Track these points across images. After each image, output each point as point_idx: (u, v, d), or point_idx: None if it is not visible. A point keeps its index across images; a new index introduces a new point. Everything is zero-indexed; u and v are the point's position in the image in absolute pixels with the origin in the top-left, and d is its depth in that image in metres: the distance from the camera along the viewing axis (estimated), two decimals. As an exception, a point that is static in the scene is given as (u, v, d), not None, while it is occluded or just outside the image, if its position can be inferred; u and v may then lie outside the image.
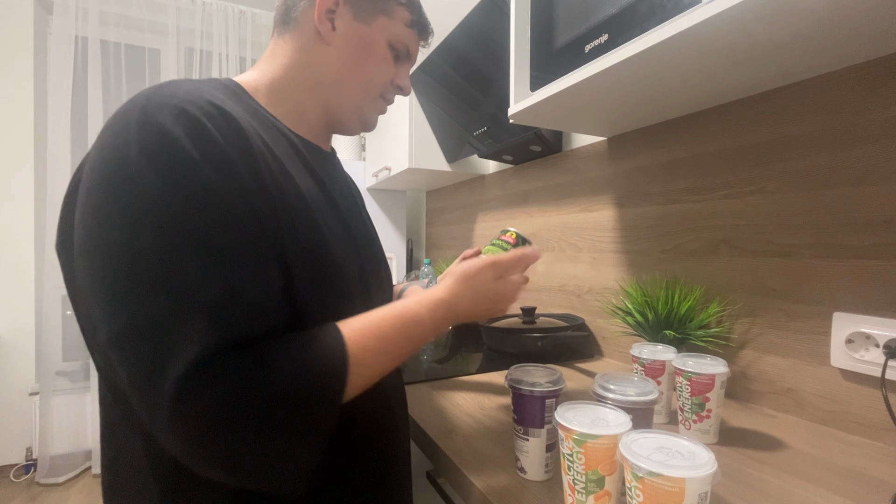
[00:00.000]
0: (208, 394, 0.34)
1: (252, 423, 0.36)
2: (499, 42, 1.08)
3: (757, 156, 0.77)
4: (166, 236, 0.36)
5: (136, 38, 2.37)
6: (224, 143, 0.41)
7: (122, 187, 0.37)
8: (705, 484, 0.35)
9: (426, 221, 2.28)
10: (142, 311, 0.35)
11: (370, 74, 0.58)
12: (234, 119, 0.43)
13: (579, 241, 1.19)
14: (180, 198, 0.37)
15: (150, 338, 0.35)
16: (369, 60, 0.57)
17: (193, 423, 0.34)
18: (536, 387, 0.51)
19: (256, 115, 0.50)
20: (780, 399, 0.74)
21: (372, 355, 0.44)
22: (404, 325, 0.47)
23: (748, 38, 0.56)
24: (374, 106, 0.61)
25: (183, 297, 0.35)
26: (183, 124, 0.39)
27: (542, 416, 0.51)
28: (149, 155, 0.37)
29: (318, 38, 0.55)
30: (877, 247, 0.62)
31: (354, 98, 0.58)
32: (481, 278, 0.55)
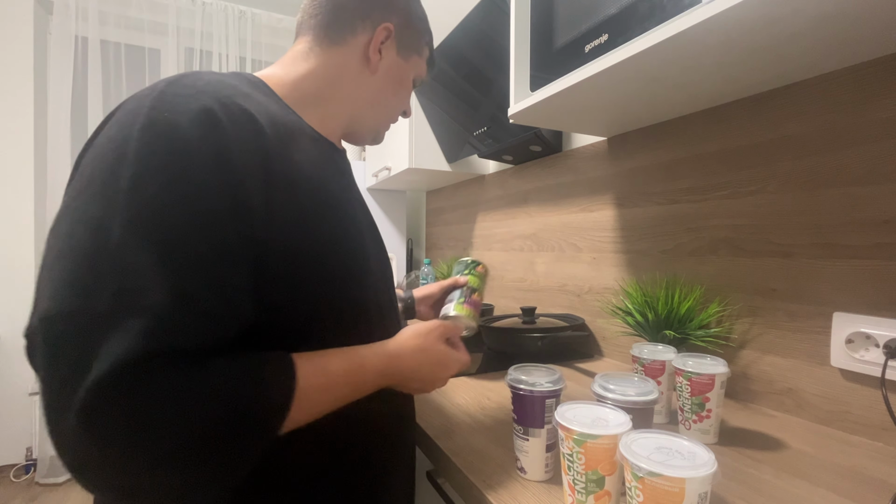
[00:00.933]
0: (125, 401, 0.32)
1: (168, 443, 0.33)
2: (499, 42, 1.08)
3: (757, 156, 0.77)
4: (135, 229, 0.34)
5: (136, 38, 2.37)
6: (232, 141, 0.40)
7: (111, 170, 0.36)
8: (705, 484, 0.35)
9: (426, 221, 2.28)
10: (84, 300, 0.33)
11: (397, 103, 0.65)
12: (254, 117, 0.43)
13: (579, 241, 1.19)
14: (164, 192, 0.35)
15: (82, 329, 0.32)
16: (400, 92, 0.64)
17: (101, 432, 0.31)
18: (536, 387, 0.51)
19: (279, 112, 0.50)
20: (780, 399, 0.74)
21: (316, 394, 0.42)
22: (352, 372, 0.46)
23: (748, 38, 0.56)
24: (386, 128, 0.68)
25: (128, 295, 0.33)
26: (193, 117, 0.38)
27: (542, 416, 0.51)
28: (148, 143, 0.36)
29: (365, 63, 0.59)
30: (877, 247, 0.62)
31: (379, 120, 0.65)
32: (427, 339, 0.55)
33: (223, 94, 0.42)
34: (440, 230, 2.11)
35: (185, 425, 0.33)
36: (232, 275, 0.38)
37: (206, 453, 0.35)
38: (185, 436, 0.33)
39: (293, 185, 0.44)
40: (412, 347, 0.53)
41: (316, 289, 0.45)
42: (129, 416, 0.32)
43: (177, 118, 0.38)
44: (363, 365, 0.47)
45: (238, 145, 0.40)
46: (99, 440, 0.31)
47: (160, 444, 0.33)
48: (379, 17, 0.59)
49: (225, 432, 0.35)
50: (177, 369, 0.34)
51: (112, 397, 0.31)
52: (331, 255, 0.47)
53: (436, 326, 0.57)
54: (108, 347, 0.31)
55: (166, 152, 0.36)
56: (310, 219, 0.45)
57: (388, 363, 0.50)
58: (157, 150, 0.36)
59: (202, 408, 0.34)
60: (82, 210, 0.36)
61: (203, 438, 0.34)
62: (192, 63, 2.44)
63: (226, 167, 0.38)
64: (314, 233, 0.45)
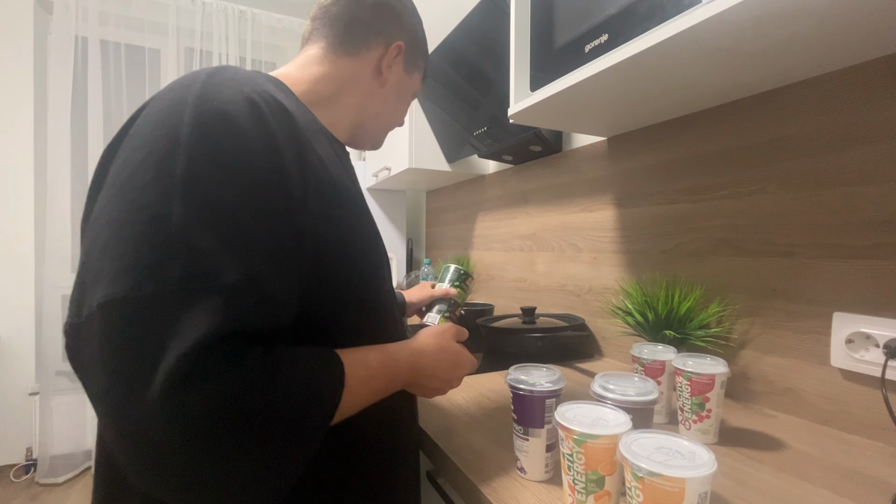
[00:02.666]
0: (214, 378, 0.31)
1: (258, 424, 0.33)
2: (499, 42, 1.08)
3: (757, 156, 0.77)
4: (196, 213, 0.34)
5: (136, 38, 2.37)
6: (277, 130, 0.41)
7: (164, 155, 0.36)
8: (705, 484, 0.35)
9: (426, 221, 2.28)
10: (151, 282, 0.32)
11: (399, 115, 0.70)
12: (287, 110, 0.44)
13: (579, 241, 1.19)
14: (221, 174, 0.36)
15: (153, 310, 0.31)
16: (402, 105, 0.69)
17: (189, 410, 0.30)
18: (536, 387, 0.51)
19: (300, 110, 0.52)
20: (780, 399, 0.74)
21: (359, 384, 0.44)
22: (386, 363, 0.48)
23: (748, 38, 0.56)
24: (384, 137, 0.72)
25: (200, 276, 0.33)
26: (241, 106, 0.40)
27: (542, 416, 0.51)
28: (202, 129, 0.37)
29: (377, 76, 0.63)
30: (877, 247, 0.62)
31: (380, 129, 0.69)
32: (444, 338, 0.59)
33: (260, 88, 0.44)
34: (440, 230, 2.11)
35: (272, 407, 0.34)
36: (288, 259, 0.39)
37: (285, 438, 0.35)
38: (272, 418, 0.34)
39: (320, 178, 0.45)
40: (434, 346, 0.57)
41: (341, 281, 0.46)
42: (219, 393, 0.31)
43: (226, 107, 0.39)
44: (397, 359, 0.50)
45: (281, 135, 0.41)
46: (186, 420, 0.30)
47: (249, 423, 0.33)
48: (392, 34, 0.63)
49: (300, 418, 0.36)
50: (258, 351, 0.35)
51: (198, 374, 0.31)
52: (354, 248, 0.48)
53: (449, 327, 0.62)
54: (188, 325, 0.31)
55: (219, 139, 0.37)
56: (335, 212, 0.46)
57: (415, 359, 0.53)
58: (210, 137, 0.37)
59: (285, 392, 0.35)
60: (135, 198, 0.35)
61: (285, 423, 0.35)
62: (192, 63, 2.44)
63: (275, 156, 0.40)
64: (339, 225, 0.46)
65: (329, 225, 0.45)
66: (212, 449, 0.31)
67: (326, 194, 0.45)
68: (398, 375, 0.50)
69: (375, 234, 0.55)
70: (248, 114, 0.39)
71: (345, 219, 0.47)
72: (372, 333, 0.50)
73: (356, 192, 0.54)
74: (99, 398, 0.32)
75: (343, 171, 0.54)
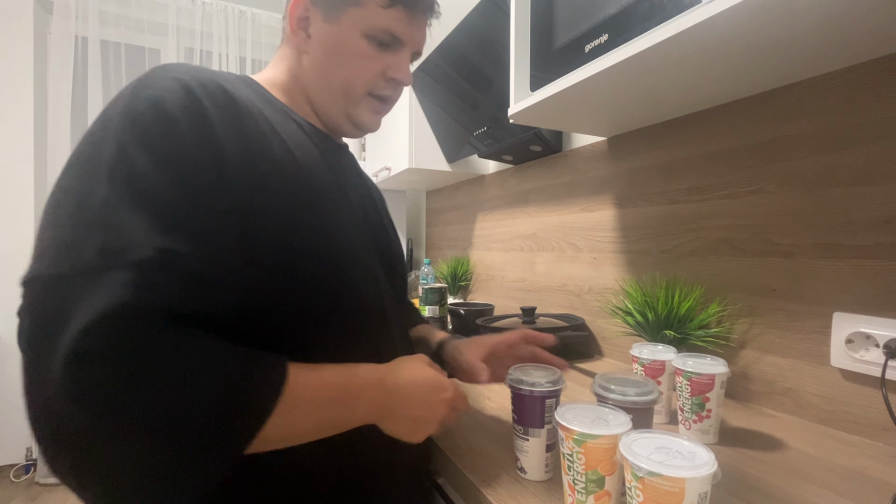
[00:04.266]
0: (112, 353, 0.30)
1: (160, 403, 0.31)
2: (499, 42, 1.08)
3: (757, 156, 0.77)
4: (119, 192, 0.35)
5: (136, 38, 2.37)
6: (213, 114, 0.41)
7: (97, 141, 0.38)
8: (705, 484, 0.35)
9: (426, 221, 2.28)
10: (67, 259, 0.33)
11: (347, 75, 0.55)
12: (231, 95, 0.44)
13: (579, 241, 1.19)
14: (146, 156, 0.36)
15: (65, 286, 0.32)
16: (343, 61, 0.54)
17: (82, 394, 0.30)
18: (536, 387, 0.51)
19: (268, 102, 0.51)
20: (780, 399, 0.74)
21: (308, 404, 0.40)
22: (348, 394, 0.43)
23: (748, 38, 0.56)
24: (363, 106, 0.57)
25: (112, 251, 0.33)
26: (174, 92, 0.40)
27: (542, 416, 0.51)
28: (132, 115, 0.38)
29: (297, 47, 0.56)
30: (877, 247, 0.62)
31: (338, 102, 0.57)
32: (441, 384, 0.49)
33: (203, 76, 0.43)
34: (440, 230, 2.11)
35: (173, 400, 0.32)
36: (218, 237, 0.38)
37: (187, 441, 0.33)
38: (171, 412, 0.32)
39: (273, 156, 0.44)
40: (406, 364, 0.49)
41: (289, 273, 0.43)
42: (115, 374, 0.30)
43: (158, 93, 0.40)
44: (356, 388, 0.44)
45: (218, 118, 0.41)
46: (81, 398, 0.30)
47: (144, 412, 0.31)
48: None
49: (211, 420, 0.34)
50: (167, 329, 0.33)
51: (97, 351, 0.30)
52: (309, 241, 0.45)
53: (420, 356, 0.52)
54: (92, 299, 0.31)
55: (147, 123, 0.38)
56: (287, 200, 0.44)
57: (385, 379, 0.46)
58: (138, 122, 0.38)
59: (195, 386, 0.33)
60: (67, 183, 0.36)
61: (188, 422, 0.33)
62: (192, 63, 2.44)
63: (207, 138, 0.40)
64: (291, 215, 0.44)
65: (278, 214, 0.43)
66: (104, 432, 0.31)
67: (277, 182, 0.44)
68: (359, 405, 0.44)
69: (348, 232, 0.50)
70: (178, 99, 0.40)
71: (301, 212, 0.45)
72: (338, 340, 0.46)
73: (332, 187, 0.50)
74: (22, 373, 0.33)
75: (317, 161, 0.51)
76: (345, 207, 0.52)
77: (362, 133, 0.61)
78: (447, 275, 1.85)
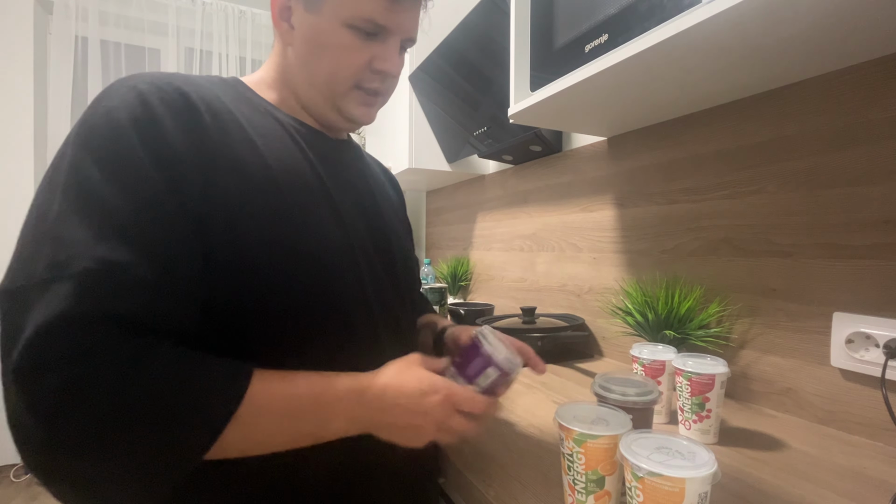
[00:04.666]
0: (53, 374, 0.31)
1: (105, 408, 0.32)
2: (499, 42, 1.08)
3: (757, 156, 0.77)
4: (70, 205, 0.36)
5: (136, 38, 2.37)
6: (166, 119, 0.41)
7: (58, 156, 0.40)
8: (705, 484, 0.35)
9: (426, 221, 2.28)
10: (25, 273, 0.34)
11: (330, 67, 0.52)
12: (189, 98, 0.44)
13: (579, 241, 1.19)
14: (97, 168, 0.37)
15: (20, 300, 0.33)
16: (325, 53, 0.52)
17: (34, 404, 0.31)
18: (496, 354, 0.47)
19: (248, 102, 0.51)
20: (780, 399, 0.74)
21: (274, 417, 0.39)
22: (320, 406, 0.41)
23: (748, 38, 0.56)
24: (352, 99, 0.55)
25: (59, 262, 0.34)
26: (128, 103, 0.40)
27: (476, 376, 0.48)
28: (87, 129, 0.40)
29: (283, 40, 0.55)
30: (877, 247, 0.62)
31: (325, 96, 0.54)
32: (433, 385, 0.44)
33: (163, 81, 0.44)
34: (440, 230, 2.11)
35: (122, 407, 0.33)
36: (169, 244, 0.38)
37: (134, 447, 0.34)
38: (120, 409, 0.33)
39: (237, 163, 0.44)
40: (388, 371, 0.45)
41: (259, 275, 0.43)
42: (61, 384, 0.32)
43: (111, 103, 0.41)
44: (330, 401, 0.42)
45: (171, 123, 0.41)
46: (34, 406, 0.31)
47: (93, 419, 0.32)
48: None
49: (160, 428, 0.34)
50: (112, 338, 0.34)
51: (40, 360, 0.32)
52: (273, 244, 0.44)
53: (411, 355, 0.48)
54: (36, 312, 0.32)
55: (100, 136, 0.39)
56: (254, 200, 0.44)
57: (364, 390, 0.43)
58: (92, 135, 0.39)
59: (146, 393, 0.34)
60: (35, 198, 0.39)
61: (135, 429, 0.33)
62: (192, 63, 2.44)
63: (158, 144, 0.40)
64: (257, 214, 0.43)
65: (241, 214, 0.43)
66: (57, 440, 0.32)
67: (242, 182, 0.44)
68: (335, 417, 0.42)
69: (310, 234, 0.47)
70: (131, 110, 0.40)
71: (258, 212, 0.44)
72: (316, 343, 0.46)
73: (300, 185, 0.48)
74: None
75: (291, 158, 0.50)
76: (324, 208, 0.50)
77: (357, 126, 0.60)
78: (447, 275, 1.85)
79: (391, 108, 1.72)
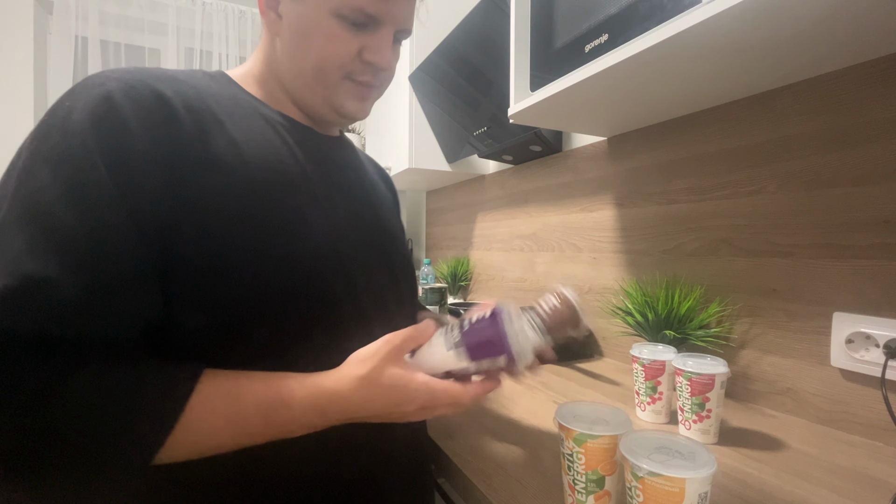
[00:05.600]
0: None
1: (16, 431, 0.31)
2: (499, 42, 1.08)
3: (757, 156, 0.77)
4: (16, 209, 0.35)
5: (136, 38, 2.37)
6: (134, 125, 0.39)
7: (14, 160, 0.38)
8: (705, 484, 0.35)
9: (426, 221, 2.28)
10: None
11: (317, 59, 0.50)
12: (164, 98, 0.41)
13: (579, 241, 1.19)
14: (47, 172, 0.35)
15: None
16: (312, 43, 0.49)
17: None
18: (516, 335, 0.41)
19: (232, 99, 0.49)
20: (780, 399, 0.74)
21: (216, 424, 0.37)
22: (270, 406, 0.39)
23: (748, 38, 0.56)
24: (343, 92, 0.52)
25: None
26: (89, 104, 0.38)
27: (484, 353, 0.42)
28: (44, 131, 0.38)
29: (270, 30, 0.52)
30: (877, 247, 0.62)
31: (313, 89, 0.52)
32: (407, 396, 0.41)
33: (135, 78, 0.41)
34: (440, 230, 2.11)
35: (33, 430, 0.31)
36: (110, 259, 0.36)
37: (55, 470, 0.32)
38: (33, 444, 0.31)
39: (213, 164, 0.42)
40: (352, 378, 0.40)
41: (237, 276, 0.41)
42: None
43: (74, 104, 0.38)
44: (284, 401, 0.39)
45: (136, 123, 0.39)
46: None
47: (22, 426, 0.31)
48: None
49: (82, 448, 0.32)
50: (32, 355, 0.32)
51: None
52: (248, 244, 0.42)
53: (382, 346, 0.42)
54: None
55: (54, 138, 0.37)
56: (227, 201, 0.42)
57: (325, 400, 0.40)
58: (47, 138, 0.37)
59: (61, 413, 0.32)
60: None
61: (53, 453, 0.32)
62: (192, 63, 2.44)
63: (116, 146, 0.37)
64: (230, 217, 0.41)
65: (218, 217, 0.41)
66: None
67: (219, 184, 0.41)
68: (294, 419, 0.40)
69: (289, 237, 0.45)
70: (92, 110, 0.38)
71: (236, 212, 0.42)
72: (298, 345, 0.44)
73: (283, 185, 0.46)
74: None
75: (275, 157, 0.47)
76: (310, 207, 0.48)
77: (349, 121, 0.57)
78: (447, 275, 1.85)
79: (391, 108, 1.73)
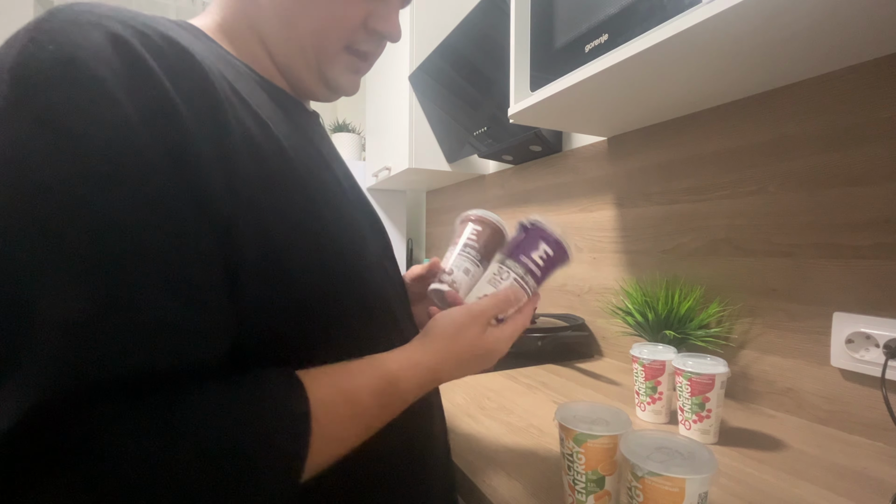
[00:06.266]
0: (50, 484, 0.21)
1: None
2: (499, 42, 1.08)
3: (757, 156, 0.77)
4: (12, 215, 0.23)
5: (136, 38, 2.37)
6: (167, 80, 0.28)
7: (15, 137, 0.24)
8: (705, 484, 0.35)
9: (426, 221, 2.28)
10: None
11: (319, 24, 0.42)
12: (186, 50, 0.30)
13: (579, 241, 1.19)
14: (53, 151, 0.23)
15: None
16: (315, 3, 0.41)
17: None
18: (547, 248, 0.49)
19: (223, 59, 0.38)
20: (780, 399, 0.74)
21: (342, 426, 0.32)
22: (383, 393, 0.35)
23: (748, 38, 0.56)
24: (340, 64, 0.45)
25: (18, 308, 0.22)
26: (95, 48, 0.26)
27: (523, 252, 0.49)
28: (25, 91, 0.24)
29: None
30: (877, 247, 0.62)
31: (308, 59, 0.44)
32: (467, 337, 0.43)
33: (139, 21, 0.29)
34: (440, 230, 2.11)
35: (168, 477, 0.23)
36: (182, 271, 0.26)
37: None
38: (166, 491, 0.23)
39: (255, 142, 0.33)
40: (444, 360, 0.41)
41: (301, 277, 0.34)
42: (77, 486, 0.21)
43: (73, 52, 0.25)
44: (391, 382, 0.37)
45: (176, 89, 0.28)
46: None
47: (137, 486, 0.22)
48: None
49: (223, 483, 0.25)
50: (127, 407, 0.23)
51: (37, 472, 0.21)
52: (314, 233, 0.36)
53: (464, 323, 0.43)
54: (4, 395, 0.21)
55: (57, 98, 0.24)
56: (283, 189, 0.34)
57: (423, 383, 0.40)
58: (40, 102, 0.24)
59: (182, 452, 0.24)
60: None
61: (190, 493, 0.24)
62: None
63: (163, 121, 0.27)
64: (284, 209, 0.34)
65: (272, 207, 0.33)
66: None
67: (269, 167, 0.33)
68: (405, 401, 0.38)
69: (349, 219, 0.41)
70: (109, 58, 0.26)
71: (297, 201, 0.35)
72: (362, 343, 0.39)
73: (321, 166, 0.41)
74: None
75: (298, 136, 0.40)
76: (340, 196, 0.42)
77: (337, 96, 0.49)
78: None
79: (391, 108, 1.73)
